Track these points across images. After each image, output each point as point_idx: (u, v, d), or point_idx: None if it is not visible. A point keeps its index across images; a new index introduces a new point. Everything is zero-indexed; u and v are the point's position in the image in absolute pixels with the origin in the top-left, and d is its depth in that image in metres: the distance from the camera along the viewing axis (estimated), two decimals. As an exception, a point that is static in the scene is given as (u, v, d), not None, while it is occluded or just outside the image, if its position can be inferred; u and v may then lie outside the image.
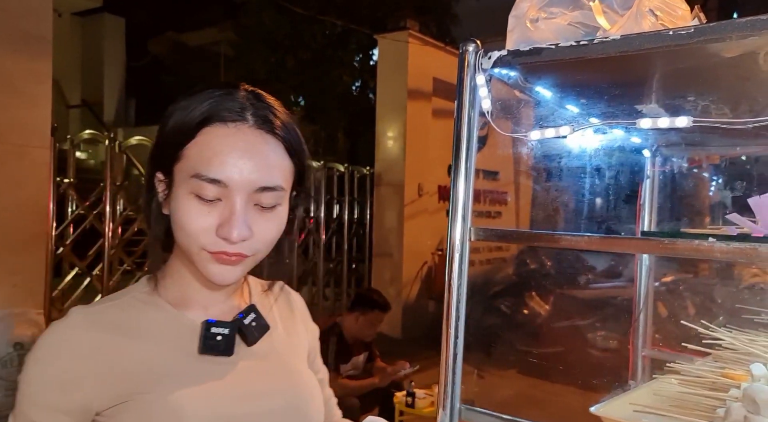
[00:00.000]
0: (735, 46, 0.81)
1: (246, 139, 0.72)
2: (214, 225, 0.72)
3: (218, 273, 0.74)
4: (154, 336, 0.77)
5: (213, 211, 0.72)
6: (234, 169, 0.71)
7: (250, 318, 0.80)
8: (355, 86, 10.19)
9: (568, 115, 1.11)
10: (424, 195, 6.72)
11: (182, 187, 0.73)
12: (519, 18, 1.05)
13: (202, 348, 0.76)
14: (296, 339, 0.91)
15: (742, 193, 1.45)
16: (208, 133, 0.72)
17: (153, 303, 0.79)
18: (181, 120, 0.73)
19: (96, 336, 0.74)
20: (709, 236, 0.74)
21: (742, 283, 1.68)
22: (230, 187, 0.71)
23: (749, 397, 0.74)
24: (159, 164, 0.76)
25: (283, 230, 0.79)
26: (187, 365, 0.76)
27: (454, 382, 0.95)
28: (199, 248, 0.73)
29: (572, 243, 0.89)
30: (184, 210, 0.72)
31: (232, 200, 0.72)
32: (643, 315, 1.58)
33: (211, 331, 0.76)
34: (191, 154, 0.72)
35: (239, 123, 0.72)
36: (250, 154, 0.72)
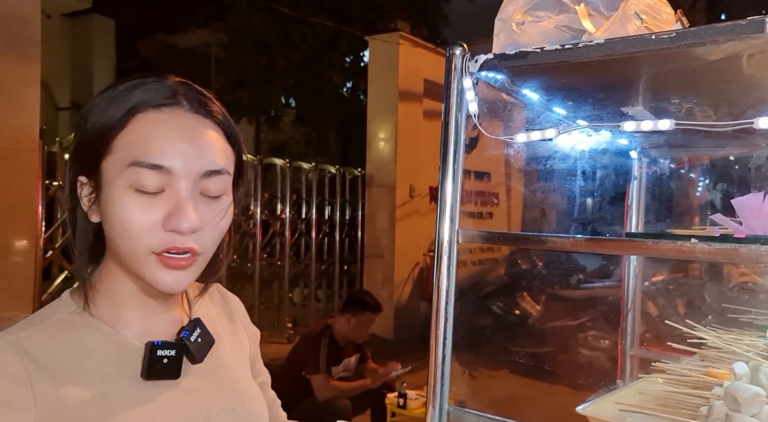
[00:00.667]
0: (717, 50, 0.82)
1: (183, 123, 0.67)
2: (160, 219, 0.65)
3: (169, 280, 0.67)
4: (89, 363, 0.68)
5: (156, 204, 0.65)
6: (176, 152, 0.65)
7: (196, 334, 0.74)
8: (346, 87, 10.20)
9: (554, 118, 1.13)
10: (415, 196, 6.73)
11: (117, 183, 0.65)
12: (505, 21, 1.06)
13: (147, 374, 0.69)
14: (238, 348, 0.85)
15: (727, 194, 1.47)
16: (141, 119, 0.66)
17: (84, 325, 0.70)
18: (107, 111, 0.66)
19: (27, 366, 0.64)
20: (691, 237, 0.76)
21: (729, 283, 1.70)
22: (174, 173, 0.65)
23: (731, 395, 0.75)
24: (82, 166, 0.69)
25: (228, 224, 0.72)
26: (127, 392, 0.68)
27: (443, 383, 0.96)
28: (147, 251, 0.66)
29: (558, 244, 0.90)
30: (123, 207, 0.65)
31: (177, 188, 0.65)
32: (631, 315, 1.60)
33: (157, 354, 0.69)
34: (124, 143, 0.65)
35: (174, 107, 0.67)
36: (190, 137, 0.66)
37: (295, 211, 6.40)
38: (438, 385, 0.96)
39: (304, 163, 6.44)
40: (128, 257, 0.67)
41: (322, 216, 6.63)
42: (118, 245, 0.67)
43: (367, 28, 7.25)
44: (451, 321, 0.97)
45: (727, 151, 1.46)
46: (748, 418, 0.73)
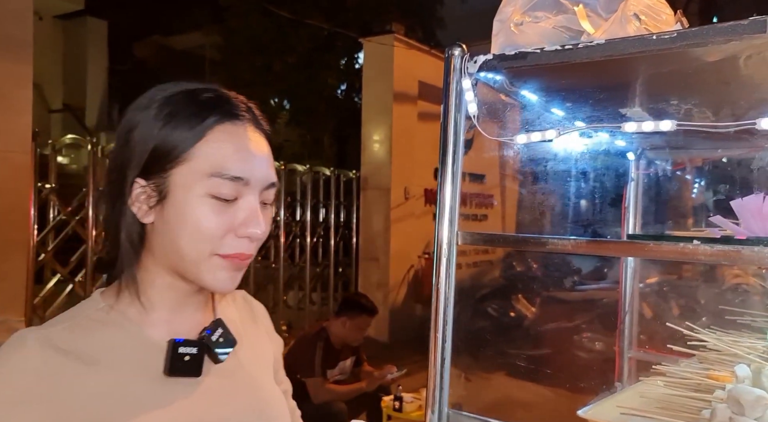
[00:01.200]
0: (717, 51, 0.82)
1: (253, 137, 0.72)
2: (232, 225, 0.69)
3: (227, 279, 0.71)
4: (113, 360, 0.70)
5: (229, 211, 0.69)
6: (251, 165, 0.70)
7: (218, 333, 0.76)
8: (341, 90, 10.20)
9: (553, 119, 1.12)
10: (410, 198, 6.73)
11: (193, 190, 0.68)
12: (503, 22, 1.05)
13: (169, 370, 0.71)
14: (261, 352, 0.87)
15: (725, 196, 1.47)
16: (218, 132, 0.69)
17: (111, 322, 0.73)
18: (183, 122, 0.69)
19: (50, 361, 0.67)
20: (693, 239, 0.75)
21: (723, 285, 1.70)
22: (249, 185, 0.70)
23: (734, 398, 0.74)
24: (144, 170, 0.70)
25: None
26: (150, 389, 0.70)
27: (442, 386, 0.95)
28: (211, 253, 0.69)
29: (559, 246, 0.89)
30: (201, 211, 0.68)
31: (251, 198, 0.70)
32: (628, 317, 1.59)
33: (179, 351, 0.71)
34: (201, 154, 0.68)
35: (246, 122, 0.72)
36: (258, 151, 0.71)
37: (289, 214, 6.38)
38: (437, 389, 0.95)
39: (299, 165, 6.42)
40: (189, 258, 0.70)
41: (316, 219, 6.61)
42: (182, 246, 0.70)
43: (362, 30, 7.25)
44: (450, 323, 0.96)
45: (724, 153, 1.46)
46: (751, 421, 0.72)
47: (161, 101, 0.71)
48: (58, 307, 4.46)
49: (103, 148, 4.64)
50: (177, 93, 0.72)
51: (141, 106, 0.71)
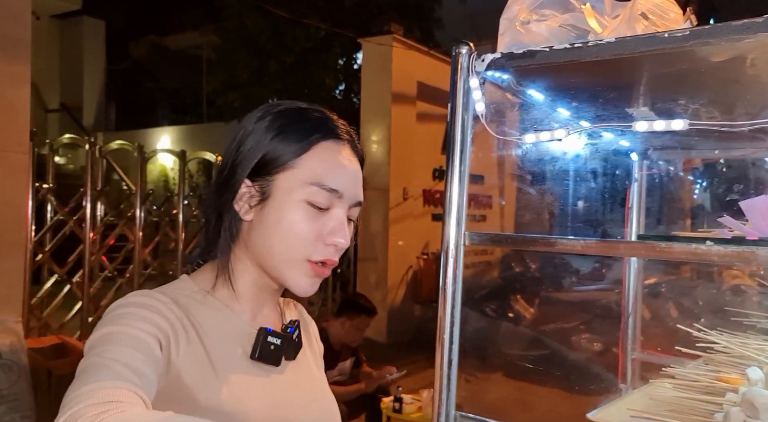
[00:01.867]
0: (727, 49, 0.81)
1: (350, 157, 0.81)
2: (321, 233, 0.76)
3: (309, 284, 0.78)
4: (212, 334, 0.77)
5: (321, 219, 0.77)
6: (347, 182, 0.78)
7: (296, 332, 0.84)
8: (339, 90, 10.18)
9: (560, 118, 1.11)
10: (408, 199, 6.72)
11: (294, 195, 0.76)
12: (510, 20, 1.04)
13: (257, 355, 0.78)
14: (314, 355, 0.95)
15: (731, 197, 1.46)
16: (323, 147, 0.78)
17: (209, 305, 0.79)
18: (293, 135, 0.78)
19: (176, 308, 0.75)
20: (706, 239, 0.74)
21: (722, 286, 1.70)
22: (342, 198, 0.78)
23: (748, 401, 0.73)
24: (253, 171, 0.78)
25: None
26: (243, 365, 0.77)
27: (449, 388, 0.94)
28: (303, 258, 0.76)
29: (567, 246, 0.88)
30: (297, 215, 0.76)
31: (340, 210, 0.78)
32: (632, 318, 1.58)
33: (268, 340, 0.79)
34: (306, 164, 0.77)
35: (347, 142, 0.81)
36: (353, 171, 0.80)
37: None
38: (444, 391, 0.94)
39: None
40: (279, 257, 0.77)
41: (314, 219, 6.60)
42: (275, 246, 0.77)
43: (360, 30, 7.23)
44: (457, 324, 0.95)
45: (730, 153, 1.45)
46: (766, 425, 0.71)
47: (275, 114, 0.80)
48: (55, 308, 4.43)
49: (101, 148, 4.62)
50: (290, 109, 0.81)
51: (257, 117, 0.80)
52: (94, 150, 4.48)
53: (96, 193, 4.51)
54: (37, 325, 4.24)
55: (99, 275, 4.75)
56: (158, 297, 0.75)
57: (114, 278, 4.90)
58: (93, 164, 4.46)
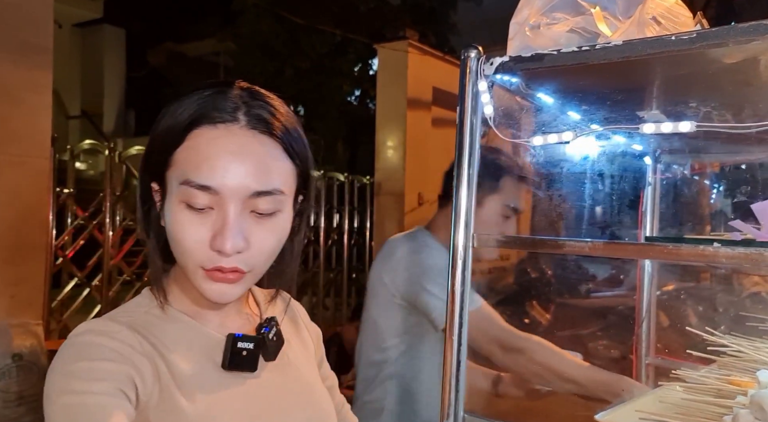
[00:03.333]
0: (737, 52, 0.81)
1: (237, 141, 0.67)
2: (208, 237, 0.67)
3: (216, 291, 0.69)
4: (179, 349, 0.71)
5: (205, 222, 0.67)
6: (225, 173, 0.66)
7: (273, 332, 0.77)
8: (355, 95, 10.22)
9: (569, 121, 1.11)
10: (424, 204, 6.71)
11: (173, 197, 0.68)
12: (520, 24, 1.05)
13: (228, 364, 0.72)
14: (305, 351, 0.88)
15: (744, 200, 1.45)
16: (197, 136, 0.67)
17: (169, 318, 0.74)
18: (170, 123, 0.69)
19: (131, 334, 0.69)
20: (714, 241, 0.74)
21: (744, 292, 1.68)
22: (222, 194, 0.66)
23: (757, 404, 0.73)
24: (152, 172, 0.71)
25: (284, 240, 0.73)
26: (215, 378, 0.72)
27: (458, 390, 0.95)
28: (195, 266, 0.68)
29: (576, 248, 0.89)
30: (176, 221, 0.67)
31: (225, 208, 0.66)
32: (646, 323, 1.57)
33: (238, 346, 0.72)
34: (180, 160, 0.67)
35: (230, 124, 0.67)
36: (242, 157, 0.66)
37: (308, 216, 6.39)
38: (452, 392, 0.95)
39: (313, 170, 6.44)
40: (180, 264, 0.71)
41: (330, 224, 6.62)
42: (175, 254, 0.71)
43: (375, 36, 7.27)
44: (465, 326, 0.95)
45: (743, 157, 1.44)
46: (775, 427, 0.71)
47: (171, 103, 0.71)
48: (75, 311, 4.50)
49: (120, 154, 4.69)
50: (181, 92, 0.71)
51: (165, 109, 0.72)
52: (113, 155, 4.55)
53: (115, 197, 4.58)
54: (57, 328, 4.30)
55: (118, 279, 4.82)
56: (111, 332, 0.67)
57: (132, 282, 4.97)
58: (112, 169, 4.54)
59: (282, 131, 0.70)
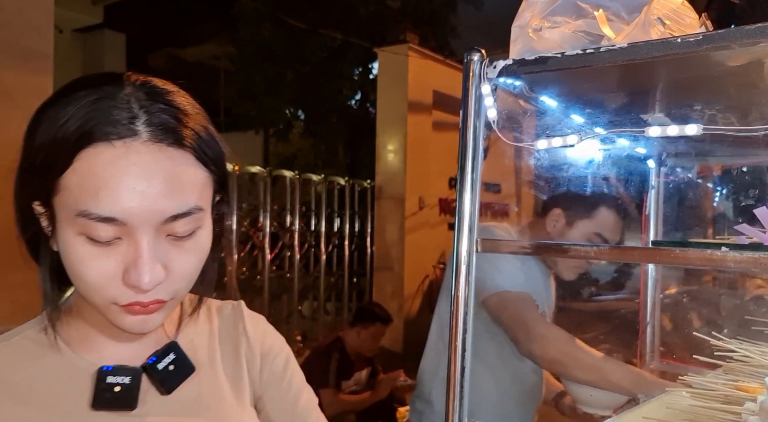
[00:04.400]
0: (742, 54, 0.80)
1: (141, 161, 0.55)
2: (119, 271, 0.57)
3: (135, 324, 0.60)
4: (44, 385, 0.63)
5: (113, 254, 0.56)
6: (130, 201, 0.54)
7: (167, 360, 0.65)
8: (355, 99, 10.24)
9: (573, 125, 1.11)
10: (425, 208, 6.71)
11: (68, 229, 0.56)
12: (522, 28, 1.04)
13: (93, 403, 0.61)
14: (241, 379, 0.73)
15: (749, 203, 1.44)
16: (90, 157, 0.54)
17: (48, 346, 0.65)
18: (51, 137, 0.56)
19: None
20: (722, 245, 0.73)
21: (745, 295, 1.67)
22: (129, 224, 0.55)
23: (766, 410, 0.72)
24: (34, 194, 0.59)
25: (206, 256, 0.64)
26: (84, 420, 0.62)
27: (462, 396, 0.93)
28: (107, 302, 0.59)
29: (581, 253, 0.88)
30: (77, 256, 0.57)
31: (136, 238, 0.56)
32: (650, 328, 1.56)
33: (107, 382, 0.62)
34: (71, 186, 0.55)
35: (128, 139, 0.55)
36: (149, 179, 0.55)
37: (304, 223, 6.39)
38: (457, 398, 0.93)
39: (313, 174, 6.44)
40: (88, 299, 0.61)
41: (331, 229, 6.61)
42: (78, 288, 0.61)
43: (375, 39, 7.28)
44: (470, 332, 0.94)
45: (748, 160, 1.43)
46: (786, 435, 0.70)
47: (47, 107, 0.58)
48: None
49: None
50: (60, 96, 0.58)
51: (40, 115, 0.60)
52: (113, 160, 4.55)
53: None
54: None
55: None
56: None
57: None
58: (113, 174, 4.53)
59: (193, 138, 0.59)
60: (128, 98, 0.57)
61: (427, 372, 1.70)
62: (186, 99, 0.61)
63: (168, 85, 0.61)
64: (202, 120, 0.61)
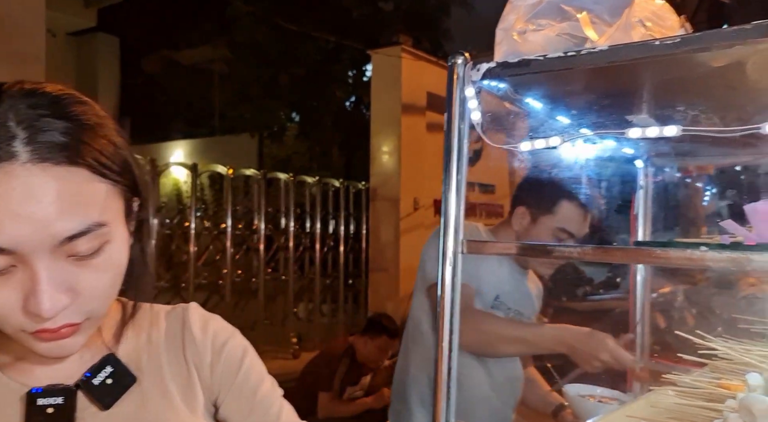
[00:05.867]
0: (723, 56, 0.81)
1: (22, 184, 0.50)
2: (18, 300, 0.53)
3: (52, 350, 0.57)
4: None
5: (10, 283, 0.53)
6: (17, 228, 0.50)
7: (104, 374, 0.62)
8: (349, 102, 10.25)
9: (558, 126, 1.12)
10: (419, 209, 6.72)
11: None
12: (507, 31, 1.05)
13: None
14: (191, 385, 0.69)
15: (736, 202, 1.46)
16: None
17: None
18: None
19: None
20: (701, 245, 0.74)
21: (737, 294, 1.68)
22: (20, 252, 0.52)
23: (746, 408, 0.73)
24: None
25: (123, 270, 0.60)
26: None
27: (449, 397, 0.94)
28: (16, 329, 0.55)
29: (565, 254, 0.89)
30: None
31: (31, 266, 0.52)
32: (640, 327, 1.57)
33: (38, 404, 0.58)
34: None
35: (6, 163, 0.50)
36: (34, 203, 0.51)
37: (299, 225, 6.40)
38: (444, 399, 0.94)
39: (308, 177, 6.45)
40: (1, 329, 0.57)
41: (326, 230, 6.62)
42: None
43: (369, 42, 7.29)
44: (456, 333, 0.95)
45: (733, 160, 1.44)
46: (764, 431, 0.70)
47: None
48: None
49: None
50: None
51: None
52: (107, 164, 4.54)
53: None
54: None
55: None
56: None
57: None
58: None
59: (87, 153, 0.54)
60: (6, 115, 0.52)
61: (400, 371, 1.72)
62: (83, 107, 0.57)
63: (63, 92, 0.56)
64: (100, 129, 0.57)
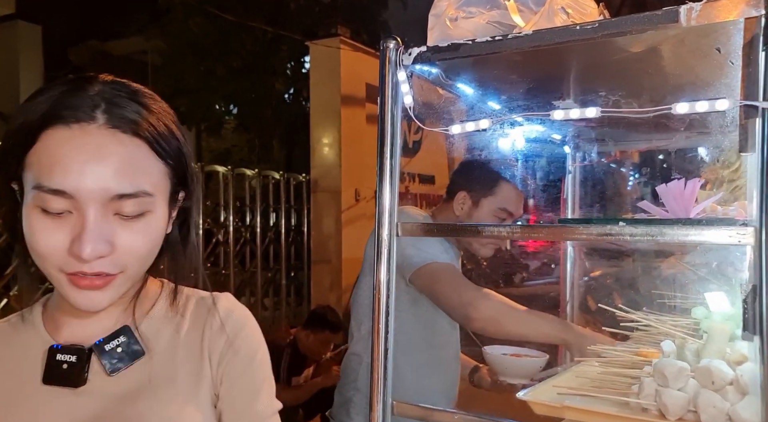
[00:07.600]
0: (638, 41, 0.85)
1: (93, 142, 0.62)
2: (66, 242, 0.63)
3: (82, 299, 0.65)
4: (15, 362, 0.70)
5: (63, 226, 0.63)
6: (80, 176, 0.61)
7: (116, 342, 0.69)
8: (288, 93, 10.12)
9: (488, 111, 1.15)
10: (361, 200, 6.74)
11: (27, 201, 0.64)
12: (438, 17, 1.07)
13: (44, 378, 0.68)
14: (201, 372, 0.73)
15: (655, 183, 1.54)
16: (49, 137, 0.63)
17: (29, 324, 0.73)
18: (21, 122, 0.64)
19: None
20: (619, 220, 0.78)
21: (662, 275, 1.78)
22: (78, 198, 0.62)
23: (659, 371, 0.78)
24: (9, 172, 0.66)
25: (159, 240, 0.69)
26: (27, 394, 0.68)
27: (386, 377, 0.96)
28: (56, 270, 0.64)
29: (494, 233, 0.92)
30: (29, 226, 0.63)
31: (83, 212, 0.62)
32: (569, 305, 1.64)
33: (56, 359, 0.68)
34: (33, 163, 0.63)
35: (85, 123, 0.62)
36: (98, 158, 0.62)
37: (238, 219, 6.29)
38: (381, 380, 0.96)
39: (248, 169, 6.33)
40: (42, 270, 0.66)
41: (267, 223, 6.53)
42: (35, 261, 0.66)
43: (306, 33, 7.22)
44: (392, 315, 0.96)
45: (653, 143, 1.52)
46: (675, 392, 0.76)
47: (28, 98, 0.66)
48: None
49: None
50: (39, 91, 0.66)
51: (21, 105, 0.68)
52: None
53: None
54: None
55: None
56: None
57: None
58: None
59: (148, 130, 0.65)
60: (94, 91, 0.65)
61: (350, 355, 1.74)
62: (153, 98, 0.69)
63: (140, 87, 0.69)
64: (165, 117, 0.68)
